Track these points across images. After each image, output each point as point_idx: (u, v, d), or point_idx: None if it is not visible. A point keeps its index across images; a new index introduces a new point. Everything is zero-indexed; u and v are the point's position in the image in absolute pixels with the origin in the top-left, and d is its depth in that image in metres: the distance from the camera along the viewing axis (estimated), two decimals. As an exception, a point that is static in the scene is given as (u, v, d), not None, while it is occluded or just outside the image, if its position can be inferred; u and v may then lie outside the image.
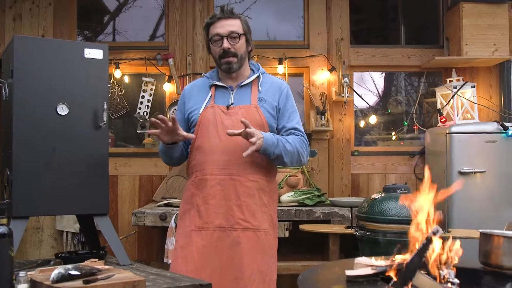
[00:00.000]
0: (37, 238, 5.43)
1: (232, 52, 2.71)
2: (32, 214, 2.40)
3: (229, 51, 2.70)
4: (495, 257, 1.92)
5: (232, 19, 2.73)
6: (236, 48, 2.72)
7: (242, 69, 2.81)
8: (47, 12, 5.49)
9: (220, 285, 2.60)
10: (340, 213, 4.44)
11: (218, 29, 2.72)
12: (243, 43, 2.75)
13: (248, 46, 2.81)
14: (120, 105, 5.48)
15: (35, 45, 2.39)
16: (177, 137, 2.63)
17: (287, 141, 2.69)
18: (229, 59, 2.72)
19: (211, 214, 2.66)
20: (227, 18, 2.73)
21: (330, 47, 5.55)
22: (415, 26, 6.13)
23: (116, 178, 5.46)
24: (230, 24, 2.72)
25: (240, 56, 2.74)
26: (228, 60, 2.72)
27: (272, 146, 2.61)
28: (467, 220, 4.52)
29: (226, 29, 2.71)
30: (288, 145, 2.68)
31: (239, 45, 2.73)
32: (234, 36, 2.71)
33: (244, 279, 2.61)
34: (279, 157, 2.66)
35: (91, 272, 1.88)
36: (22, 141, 2.32)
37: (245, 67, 2.83)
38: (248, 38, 2.78)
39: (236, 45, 2.71)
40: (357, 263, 1.84)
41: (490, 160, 4.70)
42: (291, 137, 2.75)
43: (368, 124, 5.73)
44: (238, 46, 2.72)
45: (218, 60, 2.76)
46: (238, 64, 2.75)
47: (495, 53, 5.10)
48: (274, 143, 2.62)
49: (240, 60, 2.75)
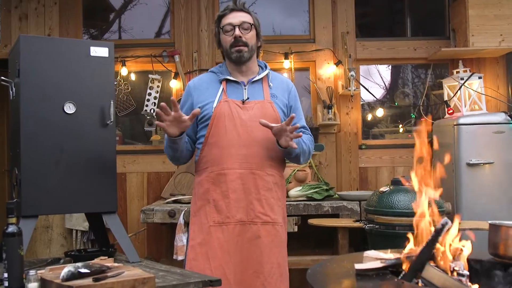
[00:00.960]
0: (46, 237, 5.46)
1: (243, 40, 2.72)
2: (41, 213, 2.41)
3: (241, 39, 2.71)
4: (504, 248, 1.91)
5: (244, 12, 2.77)
6: (247, 37, 2.73)
7: (252, 63, 2.81)
8: (52, 11, 5.51)
9: (241, 280, 2.61)
10: (348, 207, 4.44)
11: (231, 19, 2.75)
12: (254, 35, 2.77)
13: (258, 41, 2.82)
14: (127, 103, 5.49)
15: (41, 44, 2.40)
16: (183, 124, 2.53)
17: (303, 141, 2.75)
18: (240, 48, 2.72)
19: (232, 209, 2.65)
20: (240, 10, 2.76)
21: (336, 41, 5.54)
22: (421, 18, 6.10)
23: (124, 175, 5.47)
24: (243, 16, 2.75)
25: (250, 47, 2.74)
26: (239, 48, 2.72)
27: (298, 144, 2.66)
28: (476, 211, 4.51)
29: (238, 19, 2.73)
30: (304, 145, 2.76)
31: (250, 35, 2.74)
32: (246, 27, 2.73)
33: (264, 273, 2.62)
34: (298, 156, 2.74)
35: (100, 270, 1.89)
36: (30, 140, 2.33)
37: (254, 61, 2.83)
38: (258, 32, 2.81)
39: (247, 35, 2.73)
40: (366, 256, 1.84)
41: (498, 151, 4.67)
42: (305, 136, 2.80)
43: (375, 117, 5.72)
44: (249, 36, 2.74)
45: (229, 49, 2.75)
46: (249, 54, 2.75)
47: (501, 43, 5.07)
48: (297, 142, 2.66)
49: (251, 51, 2.75)
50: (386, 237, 3.52)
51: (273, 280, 2.64)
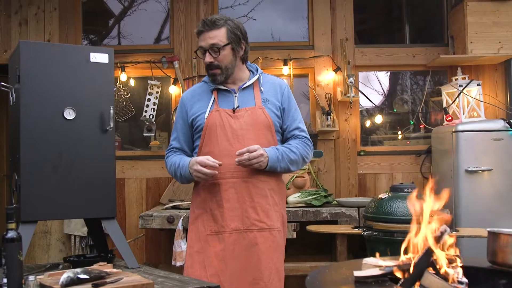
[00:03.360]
0: (45, 242, 5.45)
1: (215, 64, 2.72)
2: (40, 218, 2.41)
3: (212, 64, 2.72)
4: (503, 256, 1.92)
5: (215, 30, 2.71)
6: (219, 60, 2.72)
7: (237, 74, 2.80)
8: (52, 17, 5.52)
9: (240, 287, 2.62)
10: (347, 213, 4.43)
11: (201, 42, 2.74)
12: (227, 54, 2.73)
13: (237, 53, 2.78)
14: (126, 108, 5.50)
15: (41, 50, 2.41)
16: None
17: (291, 150, 2.74)
18: (213, 71, 2.74)
19: (226, 218, 2.66)
20: (209, 30, 2.71)
21: (335, 48, 5.55)
22: (419, 25, 6.12)
23: (123, 181, 5.47)
24: (212, 37, 2.70)
25: (224, 67, 2.73)
26: (212, 72, 2.74)
27: (277, 162, 2.68)
28: (474, 218, 4.51)
29: (207, 42, 2.71)
30: (292, 155, 2.74)
31: (221, 57, 2.72)
32: (215, 50, 2.71)
33: (264, 279, 2.63)
34: (285, 169, 2.75)
35: (99, 276, 1.89)
36: (30, 145, 2.33)
37: (239, 71, 2.82)
38: (234, 47, 2.75)
39: (218, 57, 2.71)
40: (365, 263, 1.84)
41: (497, 158, 4.68)
42: (294, 143, 2.78)
43: (374, 123, 5.72)
44: (220, 58, 2.72)
45: (207, 71, 2.79)
46: (224, 75, 2.75)
47: (500, 50, 5.09)
48: (279, 159, 2.68)
49: (226, 71, 2.74)
50: (384, 243, 3.53)
51: (273, 285, 2.66)
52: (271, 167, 2.67)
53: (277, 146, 2.75)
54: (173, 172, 2.81)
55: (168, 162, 2.86)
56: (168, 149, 2.89)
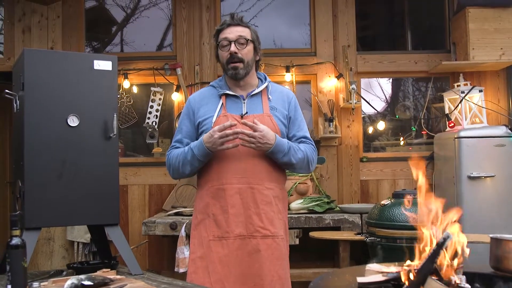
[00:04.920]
0: (48, 249, 5.46)
1: (238, 57, 2.72)
2: (44, 225, 2.41)
3: (236, 55, 2.71)
4: (506, 262, 1.92)
5: (242, 27, 2.76)
6: (243, 53, 2.73)
7: (249, 78, 2.81)
8: (55, 24, 5.55)
9: None
10: (350, 219, 4.44)
11: (227, 34, 2.75)
12: (250, 50, 2.76)
13: (256, 55, 2.81)
14: (129, 115, 5.52)
15: (45, 57, 2.42)
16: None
17: (299, 148, 2.74)
18: (235, 64, 2.73)
19: (231, 223, 2.65)
20: (237, 25, 2.76)
21: (337, 54, 5.56)
22: (421, 32, 6.14)
23: (126, 188, 5.48)
24: (240, 31, 2.75)
25: (246, 62, 2.74)
26: (234, 65, 2.73)
27: (282, 153, 2.66)
28: (477, 224, 4.50)
29: (234, 34, 2.73)
30: (300, 153, 2.73)
31: (246, 50, 2.74)
32: (241, 42, 2.73)
33: (265, 286, 2.62)
34: (287, 163, 2.72)
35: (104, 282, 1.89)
36: (33, 152, 2.34)
37: (252, 76, 2.83)
38: (256, 46, 2.80)
39: (243, 51, 2.73)
40: (368, 269, 1.85)
41: (499, 164, 4.68)
42: (303, 145, 2.79)
43: (377, 130, 5.73)
44: (245, 52, 2.73)
45: (226, 65, 2.77)
46: (245, 71, 2.75)
47: (502, 57, 5.10)
48: (285, 151, 2.66)
49: (247, 67, 2.75)
50: (387, 250, 3.52)
51: None
52: (273, 153, 2.65)
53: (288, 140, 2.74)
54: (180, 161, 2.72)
55: (171, 156, 2.78)
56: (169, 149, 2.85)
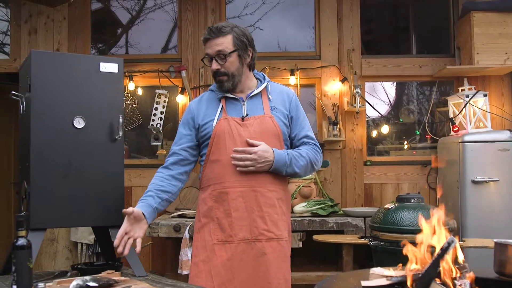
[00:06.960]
0: (52, 250, 5.47)
1: (221, 71, 2.71)
2: (49, 226, 2.43)
3: (219, 71, 2.71)
4: (510, 267, 1.92)
5: (221, 37, 2.70)
6: (226, 67, 2.70)
7: (244, 82, 2.79)
8: (61, 26, 5.56)
9: None
10: (353, 223, 4.44)
11: (208, 49, 2.73)
12: (233, 61, 2.72)
13: (244, 60, 2.76)
14: (134, 117, 5.53)
15: (52, 59, 2.43)
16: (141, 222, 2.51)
17: (300, 155, 2.73)
18: (220, 78, 2.72)
19: (235, 227, 2.64)
20: (215, 37, 2.70)
21: (342, 58, 5.57)
22: (426, 36, 6.14)
23: (130, 189, 5.49)
24: (218, 44, 2.69)
25: (231, 74, 2.72)
26: (219, 79, 2.73)
27: (284, 166, 2.67)
28: (481, 229, 4.50)
29: (213, 50, 2.70)
30: (301, 160, 2.72)
31: (228, 63, 2.70)
32: (221, 57, 2.69)
33: None
34: (291, 174, 2.74)
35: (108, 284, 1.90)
36: (39, 154, 2.35)
37: (247, 79, 2.81)
38: (240, 53, 2.73)
39: (225, 64, 2.70)
40: (372, 273, 1.85)
41: (504, 169, 4.68)
42: (304, 149, 2.77)
43: (380, 133, 5.73)
44: (227, 65, 2.70)
45: (213, 78, 2.78)
46: (231, 82, 2.73)
47: (506, 61, 5.09)
48: (287, 163, 2.67)
49: (233, 78, 2.72)
50: (391, 254, 3.52)
51: None
52: (276, 170, 2.66)
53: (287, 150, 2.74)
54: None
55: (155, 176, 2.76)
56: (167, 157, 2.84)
